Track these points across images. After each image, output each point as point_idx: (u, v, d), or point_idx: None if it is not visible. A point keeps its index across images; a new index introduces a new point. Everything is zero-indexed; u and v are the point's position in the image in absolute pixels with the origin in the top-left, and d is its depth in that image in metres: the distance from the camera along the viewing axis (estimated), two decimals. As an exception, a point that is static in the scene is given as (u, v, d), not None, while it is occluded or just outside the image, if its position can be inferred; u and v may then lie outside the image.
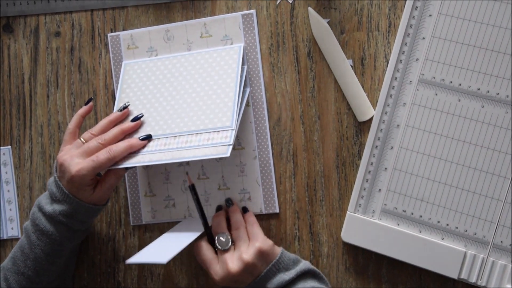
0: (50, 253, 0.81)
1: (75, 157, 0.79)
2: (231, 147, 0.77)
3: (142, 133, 0.83)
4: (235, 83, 0.82)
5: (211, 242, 0.82)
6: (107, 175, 0.81)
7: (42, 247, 0.81)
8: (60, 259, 0.83)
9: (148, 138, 0.82)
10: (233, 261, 0.78)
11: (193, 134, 0.81)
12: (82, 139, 0.82)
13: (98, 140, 0.81)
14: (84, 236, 0.86)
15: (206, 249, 0.81)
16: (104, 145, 0.81)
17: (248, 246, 0.79)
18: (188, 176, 0.83)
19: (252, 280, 0.78)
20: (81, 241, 0.89)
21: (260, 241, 0.79)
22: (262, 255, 0.78)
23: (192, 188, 0.82)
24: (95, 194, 0.80)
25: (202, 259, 0.81)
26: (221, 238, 0.80)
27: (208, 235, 0.82)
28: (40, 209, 0.81)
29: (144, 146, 0.82)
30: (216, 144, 0.79)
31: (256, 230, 0.81)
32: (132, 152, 0.81)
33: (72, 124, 0.84)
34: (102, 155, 0.79)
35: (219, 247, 0.80)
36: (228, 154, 0.77)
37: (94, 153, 0.80)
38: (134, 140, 0.82)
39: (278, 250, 0.80)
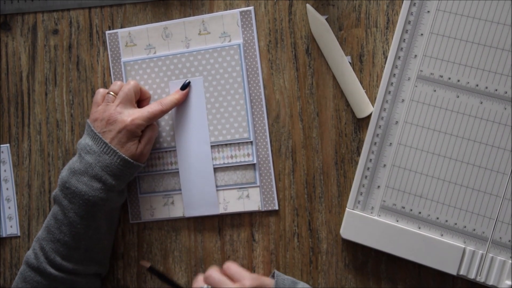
0: (84, 215, 0.79)
1: (121, 108, 0.81)
2: (258, 174, 0.84)
3: (169, 143, 0.87)
4: (243, 89, 0.84)
5: None
6: (144, 130, 0.83)
7: (75, 210, 0.79)
8: (95, 222, 0.80)
9: (188, 85, 0.85)
10: None
11: (215, 147, 0.85)
12: (112, 93, 0.83)
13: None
14: (118, 204, 0.85)
15: None
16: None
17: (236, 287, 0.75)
18: (142, 262, 0.84)
19: None
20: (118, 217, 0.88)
21: (248, 278, 0.75)
22: None
23: (152, 270, 0.83)
24: (139, 148, 0.82)
25: None
26: None
27: None
28: (70, 169, 0.80)
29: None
30: (242, 163, 0.85)
31: (238, 269, 0.77)
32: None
33: (103, 89, 0.85)
34: (155, 107, 0.83)
35: None
36: (258, 183, 0.84)
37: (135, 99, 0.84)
38: (179, 93, 0.85)
39: (269, 280, 0.77)
